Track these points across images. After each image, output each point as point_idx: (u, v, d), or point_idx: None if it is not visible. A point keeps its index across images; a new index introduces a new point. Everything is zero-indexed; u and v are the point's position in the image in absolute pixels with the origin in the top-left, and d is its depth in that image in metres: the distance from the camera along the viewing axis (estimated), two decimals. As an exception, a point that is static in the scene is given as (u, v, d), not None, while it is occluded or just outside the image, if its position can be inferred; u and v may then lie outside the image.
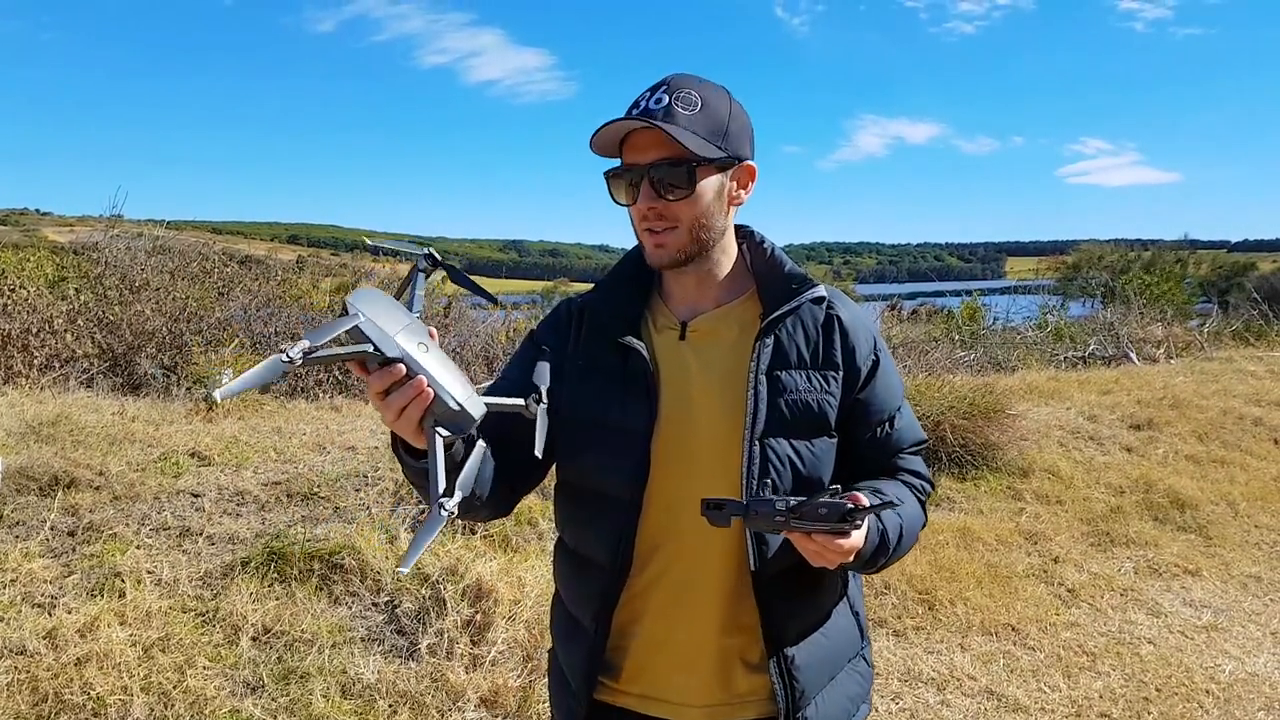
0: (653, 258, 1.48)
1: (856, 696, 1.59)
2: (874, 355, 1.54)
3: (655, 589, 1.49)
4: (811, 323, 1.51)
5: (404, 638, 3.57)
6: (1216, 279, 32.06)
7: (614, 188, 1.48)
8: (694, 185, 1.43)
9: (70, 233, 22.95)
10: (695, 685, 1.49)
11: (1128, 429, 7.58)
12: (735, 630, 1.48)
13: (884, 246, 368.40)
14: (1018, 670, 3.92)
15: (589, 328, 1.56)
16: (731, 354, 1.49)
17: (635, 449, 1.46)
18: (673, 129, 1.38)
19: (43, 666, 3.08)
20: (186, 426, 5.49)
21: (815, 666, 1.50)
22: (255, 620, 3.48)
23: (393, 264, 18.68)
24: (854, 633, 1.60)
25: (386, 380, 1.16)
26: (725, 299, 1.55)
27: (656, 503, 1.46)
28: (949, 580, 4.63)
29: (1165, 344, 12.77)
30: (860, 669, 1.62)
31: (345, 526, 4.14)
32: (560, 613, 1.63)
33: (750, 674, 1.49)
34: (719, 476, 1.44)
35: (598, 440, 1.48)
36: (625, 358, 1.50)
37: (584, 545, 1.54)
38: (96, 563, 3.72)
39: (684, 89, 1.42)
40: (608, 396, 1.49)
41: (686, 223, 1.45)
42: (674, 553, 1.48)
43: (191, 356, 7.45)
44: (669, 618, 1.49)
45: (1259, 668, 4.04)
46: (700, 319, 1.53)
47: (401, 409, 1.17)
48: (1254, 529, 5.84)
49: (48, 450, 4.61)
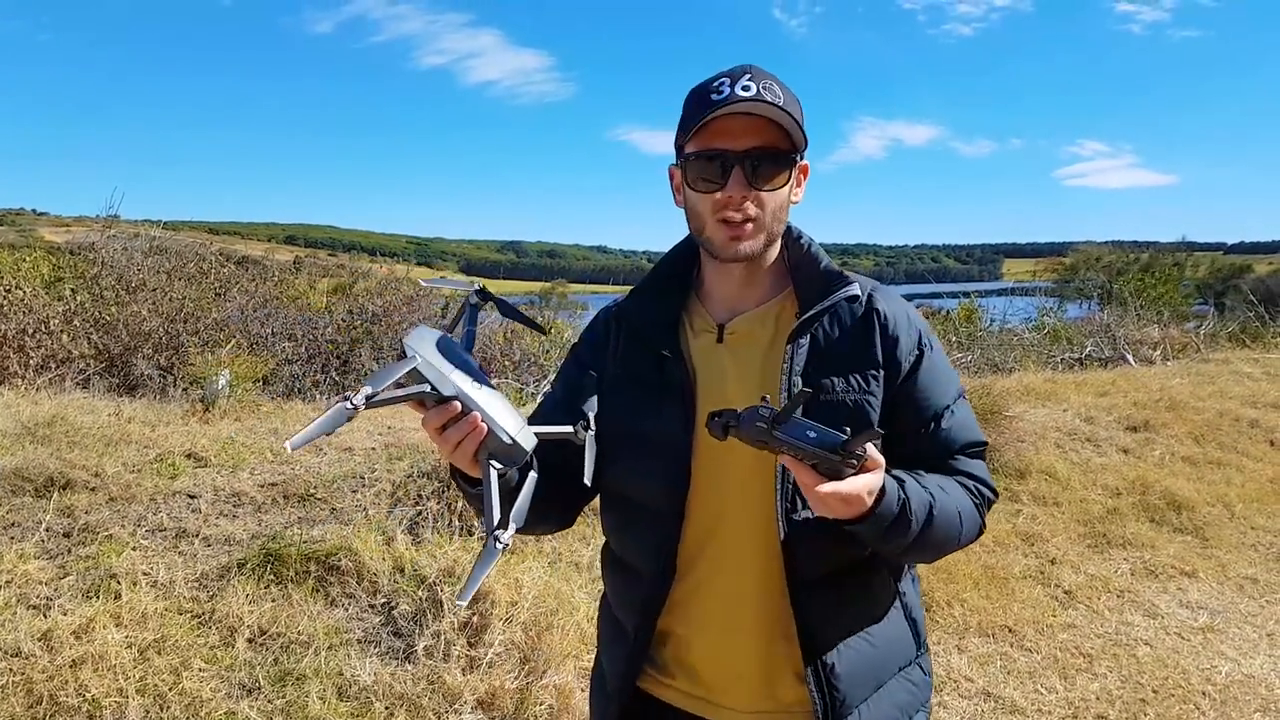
0: (727, 249, 1.42)
1: (908, 706, 1.52)
2: (918, 349, 1.46)
3: (698, 596, 1.47)
4: (850, 320, 1.45)
5: (401, 639, 3.56)
6: (1213, 281, 32.13)
7: (694, 173, 1.42)
8: (789, 177, 1.41)
9: (67, 233, 22.91)
10: (740, 691, 1.46)
11: (1124, 431, 7.58)
12: (780, 638, 1.44)
13: (881, 248, 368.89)
14: (1015, 672, 3.92)
15: (626, 335, 1.54)
16: (767, 356, 1.45)
17: (675, 458, 1.43)
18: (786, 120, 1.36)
19: (38, 668, 3.07)
20: (183, 428, 5.48)
21: (859, 675, 1.44)
22: (251, 622, 3.48)
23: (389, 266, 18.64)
24: (907, 640, 1.53)
25: (443, 417, 1.21)
26: (764, 299, 1.51)
27: (698, 511, 1.44)
28: (946, 582, 4.63)
29: (1162, 346, 12.78)
30: (914, 678, 1.54)
31: (342, 528, 4.13)
32: (607, 617, 1.62)
33: (796, 683, 1.44)
34: (758, 483, 1.41)
35: (636, 450, 1.46)
36: (661, 365, 1.47)
37: (628, 553, 1.53)
38: (92, 564, 3.72)
39: (767, 79, 1.38)
40: (645, 406, 1.47)
41: (769, 214, 1.41)
42: (716, 560, 1.45)
43: (188, 357, 7.43)
44: (713, 625, 1.46)
45: (1255, 669, 4.04)
46: (738, 320, 1.49)
47: (457, 443, 1.21)
48: (1250, 530, 5.84)
49: (43, 451, 4.60)
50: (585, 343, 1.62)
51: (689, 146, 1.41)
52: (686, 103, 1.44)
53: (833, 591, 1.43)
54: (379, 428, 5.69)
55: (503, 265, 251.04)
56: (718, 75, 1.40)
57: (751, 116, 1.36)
